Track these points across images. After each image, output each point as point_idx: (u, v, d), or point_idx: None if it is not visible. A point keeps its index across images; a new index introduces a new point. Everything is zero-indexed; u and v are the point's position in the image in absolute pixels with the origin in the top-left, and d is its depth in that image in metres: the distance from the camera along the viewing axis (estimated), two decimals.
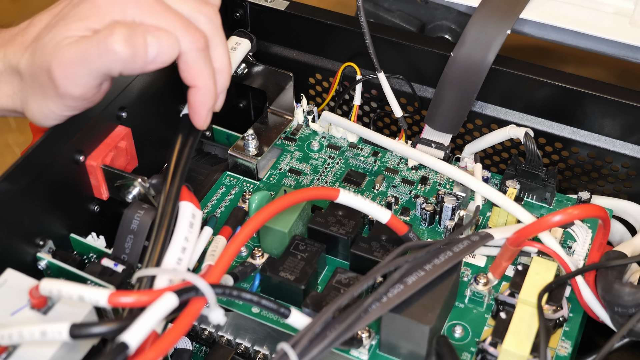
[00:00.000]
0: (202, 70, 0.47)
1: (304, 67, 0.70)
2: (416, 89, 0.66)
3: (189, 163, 0.50)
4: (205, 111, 0.49)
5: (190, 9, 0.48)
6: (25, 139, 1.01)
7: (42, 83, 0.46)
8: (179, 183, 0.48)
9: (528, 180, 0.60)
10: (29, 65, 0.47)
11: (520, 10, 0.63)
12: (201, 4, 0.48)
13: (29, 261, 0.52)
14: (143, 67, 0.45)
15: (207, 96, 0.48)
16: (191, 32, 0.46)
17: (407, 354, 0.49)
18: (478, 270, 0.55)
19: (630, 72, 0.87)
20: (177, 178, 0.48)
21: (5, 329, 0.40)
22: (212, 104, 0.49)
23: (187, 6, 0.47)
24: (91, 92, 0.47)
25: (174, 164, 0.49)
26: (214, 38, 0.48)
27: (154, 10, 0.46)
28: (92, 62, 0.44)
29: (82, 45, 0.44)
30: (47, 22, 0.48)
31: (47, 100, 0.47)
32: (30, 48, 0.47)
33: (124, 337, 0.39)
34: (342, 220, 0.55)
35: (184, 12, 0.47)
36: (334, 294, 0.51)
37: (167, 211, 0.47)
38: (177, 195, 0.48)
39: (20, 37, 0.49)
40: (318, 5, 0.68)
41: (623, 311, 0.48)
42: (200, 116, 0.49)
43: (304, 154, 0.65)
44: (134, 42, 0.44)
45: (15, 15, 1.16)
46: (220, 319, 0.43)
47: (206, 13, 0.48)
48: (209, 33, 0.48)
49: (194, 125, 0.50)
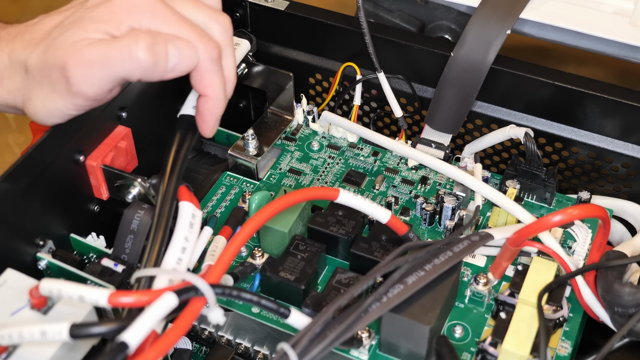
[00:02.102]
0: (214, 80, 0.48)
1: (304, 67, 0.70)
2: (416, 89, 0.66)
3: (186, 162, 0.50)
4: (213, 120, 0.49)
5: (206, 17, 0.48)
6: (25, 139, 1.01)
7: (53, 80, 0.46)
8: (176, 182, 0.48)
9: (528, 180, 0.60)
10: (40, 61, 0.47)
11: (520, 10, 0.63)
12: (216, 13, 0.49)
13: (29, 261, 0.52)
14: (162, 75, 0.46)
15: (216, 105, 0.49)
16: (205, 42, 0.47)
17: (407, 354, 0.49)
18: (478, 270, 0.55)
19: (630, 72, 0.87)
20: (174, 177, 0.48)
21: (5, 329, 0.40)
22: (220, 113, 0.49)
23: (202, 15, 0.48)
24: (103, 94, 0.47)
25: (171, 163, 0.49)
26: (227, 47, 0.49)
27: (169, 19, 0.46)
28: (114, 66, 0.45)
29: (104, 47, 0.45)
30: (59, 21, 0.48)
31: (56, 97, 0.47)
32: (41, 44, 0.47)
33: (123, 337, 0.39)
34: (342, 220, 0.55)
35: (199, 20, 0.48)
36: (334, 294, 0.51)
37: (165, 211, 0.47)
38: (174, 194, 0.48)
39: (30, 33, 0.49)
40: (318, 5, 0.68)
41: (623, 311, 0.48)
42: (208, 125, 0.49)
43: (304, 154, 0.65)
44: (157, 51, 0.45)
45: (15, 15, 1.16)
46: (220, 319, 0.43)
47: (221, 22, 0.49)
48: (222, 42, 0.48)
49: (201, 132, 0.50)
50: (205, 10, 0.48)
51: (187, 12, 0.48)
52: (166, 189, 0.48)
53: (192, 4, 0.48)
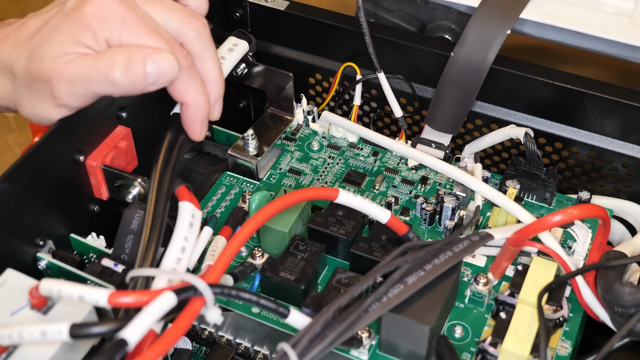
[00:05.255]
0: (189, 88, 0.48)
1: (304, 67, 0.70)
2: (416, 89, 0.66)
3: (179, 162, 0.50)
4: (197, 125, 0.50)
5: (179, 23, 0.48)
6: (25, 139, 1.01)
7: (39, 90, 0.47)
8: (169, 181, 0.48)
9: (528, 180, 0.60)
10: (25, 72, 0.47)
11: (520, 10, 0.63)
12: (189, 17, 0.48)
13: (29, 261, 0.52)
14: (144, 90, 0.46)
15: (197, 111, 0.49)
16: (174, 51, 0.47)
17: (407, 354, 0.49)
18: (478, 270, 0.55)
19: (630, 72, 0.87)
20: (166, 176, 0.48)
21: (5, 329, 0.41)
22: (203, 117, 0.50)
23: (175, 21, 0.48)
24: (89, 104, 0.48)
25: (162, 162, 0.49)
26: (204, 51, 0.49)
27: (140, 30, 0.46)
28: (94, 85, 0.46)
29: (84, 67, 0.45)
30: (40, 26, 0.48)
31: (42, 105, 0.48)
32: (24, 53, 0.48)
33: (123, 334, 0.39)
34: (342, 220, 0.55)
35: (173, 27, 0.48)
36: (334, 294, 0.51)
37: (159, 212, 0.47)
38: (167, 195, 0.48)
39: (14, 38, 0.49)
40: (318, 5, 0.68)
41: (623, 311, 0.48)
42: (194, 130, 0.50)
43: (304, 154, 0.65)
44: (133, 72, 0.45)
45: (15, 15, 1.16)
46: (217, 319, 0.43)
47: (194, 27, 0.49)
48: (198, 47, 0.49)
49: (190, 137, 0.51)
50: (178, 15, 0.48)
51: (159, 17, 0.47)
52: (158, 188, 0.48)
53: (165, 9, 0.48)
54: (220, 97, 0.51)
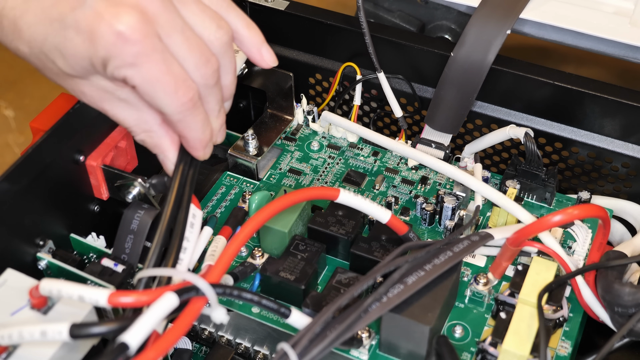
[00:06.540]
0: (190, 127, 0.45)
1: (304, 67, 0.70)
2: (416, 89, 0.66)
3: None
4: (199, 152, 0.47)
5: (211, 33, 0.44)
6: (25, 139, 1.01)
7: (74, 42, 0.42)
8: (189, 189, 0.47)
9: (528, 180, 0.60)
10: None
11: (520, 10, 0.63)
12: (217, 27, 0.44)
13: (29, 261, 0.52)
14: None
15: (197, 144, 0.46)
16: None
17: (407, 354, 0.49)
18: (478, 270, 0.55)
19: (630, 72, 0.87)
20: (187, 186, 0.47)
21: (5, 329, 0.40)
22: (204, 144, 0.46)
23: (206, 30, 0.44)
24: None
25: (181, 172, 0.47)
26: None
27: None
28: None
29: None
30: None
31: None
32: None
33: (124, 338, 0.39)
34: (342, 220, 0.55)
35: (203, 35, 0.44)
36: (334, 294, 0.51)
37: (181, 219, 0.45)
38: (188, 201, 0.47)
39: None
40: (318, 5, 0.68)
41: (623, 311, 0.48)
42: (196, 154, 0.47)
43: (304, 154, 0.65)
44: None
45: None
46: (223, 318, 0.43)
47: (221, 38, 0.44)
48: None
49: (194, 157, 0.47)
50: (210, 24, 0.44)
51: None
52: (184, 194, 0.46)
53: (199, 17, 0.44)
54: (227, 108, 0.48)
